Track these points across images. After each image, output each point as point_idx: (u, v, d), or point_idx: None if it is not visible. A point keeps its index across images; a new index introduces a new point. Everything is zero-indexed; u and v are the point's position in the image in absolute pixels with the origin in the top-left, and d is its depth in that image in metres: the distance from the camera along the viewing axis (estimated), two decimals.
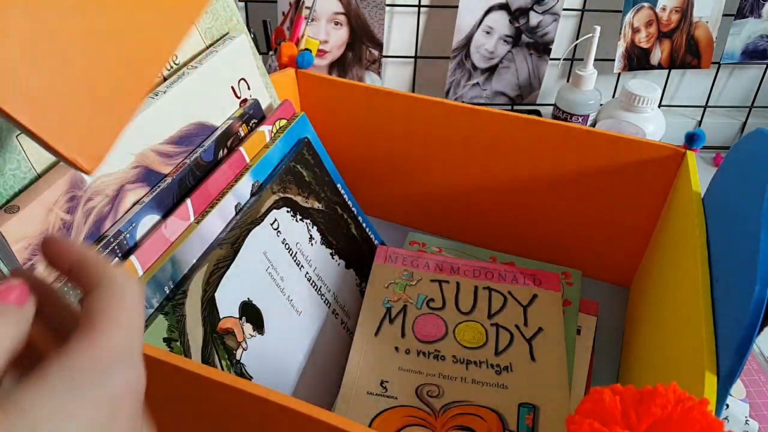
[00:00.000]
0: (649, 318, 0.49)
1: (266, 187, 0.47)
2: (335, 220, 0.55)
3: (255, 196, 0.46)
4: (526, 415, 0.44)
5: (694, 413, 0.25)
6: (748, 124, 0.89)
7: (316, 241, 0.52)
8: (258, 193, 0.46)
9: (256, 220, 0.46)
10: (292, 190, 0.50)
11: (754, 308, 0.31)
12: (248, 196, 0.46)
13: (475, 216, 0.63)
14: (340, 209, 0.56)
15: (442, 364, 0.48)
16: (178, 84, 0.43)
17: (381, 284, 0.54)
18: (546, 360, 0.48)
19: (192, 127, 0.44)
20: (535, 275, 0.55)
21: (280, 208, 0.48)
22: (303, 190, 0.51)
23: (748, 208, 0.36)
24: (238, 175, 0.46)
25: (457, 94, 0.85)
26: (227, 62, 0.48)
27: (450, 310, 0.52)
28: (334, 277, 0.53)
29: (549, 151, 0.55)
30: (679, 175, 0.51)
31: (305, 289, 0.50)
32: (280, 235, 0.48)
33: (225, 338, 0.41)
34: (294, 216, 0.50)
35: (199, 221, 0.41)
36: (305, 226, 0.51)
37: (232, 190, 0.44)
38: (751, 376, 0.55)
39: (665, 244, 0.50)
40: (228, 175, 0.45)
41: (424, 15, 0.83)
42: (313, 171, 0.53)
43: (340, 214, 0.56)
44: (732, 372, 0.32)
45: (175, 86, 0.43)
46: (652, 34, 0.80)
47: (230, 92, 0.49)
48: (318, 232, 0.52)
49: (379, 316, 0.51)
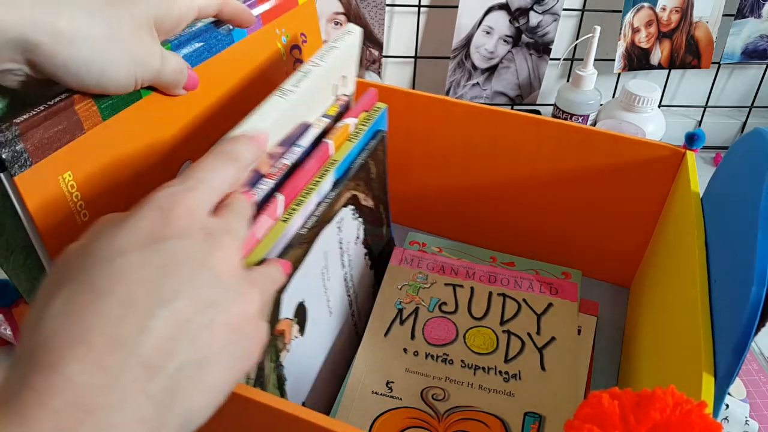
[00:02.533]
0: (648, 318, 0.49)
1: (343, 184, 0.44)
2: (377, 219, 0.53)
3: (333, 193, 0.43)
4: (531, 425, 0.44)
5: (693, 416, 0.25)
6: (748, 124, 0.89)
7: (359, 241, 0.50)
8: (335, 189, 0.43)
9: (330, 218, 0.43)
10: (360, 187, 0.47)
11: (751, 308, 0.31)
12: (328, 192, 0.43)
13: (475, 216, 0.63)
14: (382, 207, 0.54)
15: (449, 368, 0.48)
16: (304, 82, 0.39)
17: (395, 285, 0.54)
18: (556, 370, 0.47)
19: (299, 127, 0.41)
20: (552, 284, 0.54)
21: (347, 205, 0.46)
22: (366, 187, 0.49)
23: (745, 209, 0.36)
24: (322, 170, 0.43)
25: (457, 94, 0.85)
26: (344, 58, 0.45)
27: (462, 315, 0.52)
28: (361, 278, 0.52)
29: (549, 151, 0.55)
30: (678, 175, 0.51)
31: (342, 289, 0.48)
32: (340, 233, 0.46)
33: (276, 340, 0.39)
34: (354, 214, 0.48)
35: (286, 219, 0.38)
36: (358, 224, 0.49)
37: (317, 187, 0.41)
38: (751, 376, 0.55)
39: (665, 244, 0.50)
40: (314, 169, 0.42)
41: (424, 15, 0.83)
42: (378, 167, 0.50)
43: (381, 212, 0.54)
44: (729, 372, 0.32)
45: (302, 84, 0.39)
46: (652, 34, 0.80)
47: (332, 90, 0.46)
48: (363, 231, 0.51)
49: (390, 316, 0.51)
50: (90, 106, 0.33)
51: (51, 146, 0.31)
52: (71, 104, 0.32)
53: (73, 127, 0.32)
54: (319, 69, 0.41)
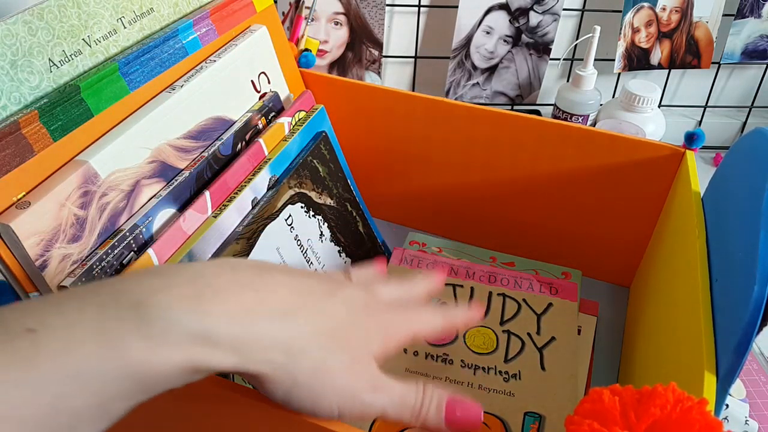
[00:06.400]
0: (649, 318, 0.49)
1: (283, 182, 0.47)
2: (345, 217, 0.54)
3: (272, 191, 0.46)
4: (531, 424, 0.44)
5: (693, 413, 0.25)
6: (748, 124, 0.89)
7: (325, 238, 0.51)
8: (275, 187, 0.46)
9: (272, 215, 0.45)
10: (307, 186, 0.49)
11: (753, 307, 0.31)
12: (265, 190, 0.45)
13: (475, 216, 0.63)
14: (350, 206, 0.55)
15: (449, 368, 0.48)
16: (196, 78, 0.43)
17: None
18: (556, 369, 0.47)
19: (210, 121, 0.44)
20: (552, 284, 0.54)
21: (295, 203, 0.48)
22: (317, 186, 0.51)
23: (746, 208, 0.36)
24: (256, 168, 0.45)
25: (457, 94, 0.85)
26: (246, 55, 0.47)
27: None
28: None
29: (549, 151, 0.55)
30: (678, 174, 0.51)
31: None
32: (293, 230, 0.47)
33: None
34: (307, 212, 0.49)
35: (217, 215, 0.41)
36: (317, 222, 0.50)
37: (250, 184, 0.44)
38: (751, 376, 0.55)
39: (665, 243, 0.50)
40: (246, 167, 0.45)
41: (424, 15, 0.83)
42: (328, 166, 0.52)
43: (350, 211, 0.55)
44: (731, 371, 0.32)
45: (193, 80, 0.42)
46: (652, 34, 0.80)
47: (250, 86, 0.48)
48: (328, 228, 0.52)
49: None
50: (38, 129, 0.33)
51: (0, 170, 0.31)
52: (17, 128, 0.32)
53: (22, 150, 0.32)
54: (215, 66, 0.44)
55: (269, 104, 0.49)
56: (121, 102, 0.39)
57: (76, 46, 0.37)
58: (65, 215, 0.34)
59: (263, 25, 0.50)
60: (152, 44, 0.41)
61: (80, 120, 0.36)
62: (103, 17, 0.39)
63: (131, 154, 0.38)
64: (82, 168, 0.35)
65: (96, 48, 0.39)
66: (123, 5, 0.41)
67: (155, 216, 0.39)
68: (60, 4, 0.36)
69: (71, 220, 0.34)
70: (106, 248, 0.35)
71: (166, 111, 0.40)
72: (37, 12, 0.35)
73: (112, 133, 0.38)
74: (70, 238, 0.34)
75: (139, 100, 0.40)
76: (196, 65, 0.45)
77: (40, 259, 0.32)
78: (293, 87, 0.56)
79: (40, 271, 0.32)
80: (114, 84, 0.38)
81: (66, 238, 0.34)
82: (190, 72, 0.44)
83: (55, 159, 0.35)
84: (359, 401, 0.28)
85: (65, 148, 0.35)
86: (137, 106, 0.40)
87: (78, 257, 0.35)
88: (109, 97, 0.38)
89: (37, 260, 0.32)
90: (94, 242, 0.36)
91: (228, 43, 0.47)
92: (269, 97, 0.50)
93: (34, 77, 0.35)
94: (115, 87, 0.38)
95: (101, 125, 0.37)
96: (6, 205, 0.32)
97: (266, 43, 0.49)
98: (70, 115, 0.35)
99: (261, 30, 0.49)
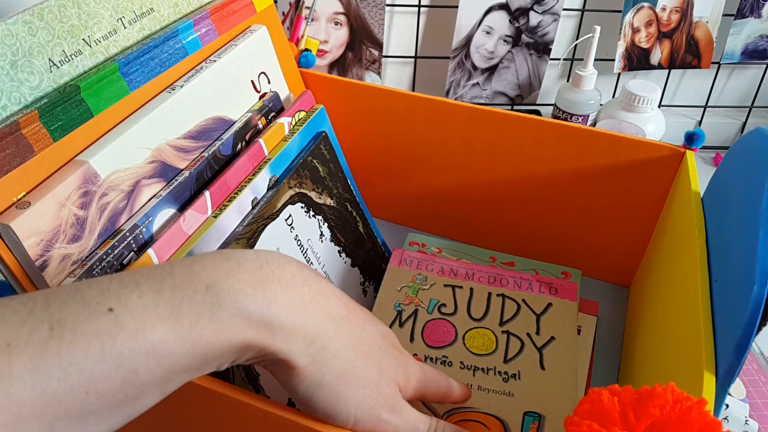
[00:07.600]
0: (648, 318, 0.49)
1: (283, 182, 0.47)
2: (345, 218, 0.54)
3: (272, 191, 0.45)
4: (530, 424, 0.44)
5: (693, 413, 0.25)
6: (748, 124, 0.89)
7: (325, 238, 0.51)
8: (275, 187, 0.46)
9: (272, 215, 0.45)
10: (307, 186, 0.49)
11: (752, 307, 0.31)
12: (265, 191, 0.45)
13: (475, 216, 0.63)
14: (350, 206, 0.55)
15: (449, 370, 0.47)
16: (196, 78, 0.43)
17: (393, 287, 0.53)
18: (556, 369, 0.47)
19: (210, 121, 0.44)
20: (552, 284, 0.54)
21: (295, 203, 0.48)
22: (317, 186, 0.51)
23: (746, 208, 0.36)
24: (256, 168, 0.45)
25: (457, 94, 0.85)
26: (246, 55, 0.47)
27: (461, 316, 0.51)
28: (340, 274, 0.53)
29: (549, 151, 0.55)
30: (678, 174, 0.51)
31: None
32: (293, 231, 0.47)
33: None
34: (307, 212, 0.49)
35: (217, 215, 0.41)
36: (317, 222, 0.50)
37: (250, 184, 0.44)
38: (751, 376, 0.55)
39: (665, 243, 0.50)
40: (247, 167, 0.45)
41: (424, 15, 0.83)
42: (328, 166, 0.52)
43: (350, 212, 0.55)
44: (730, 371, 0.32)
45: (192, 80, 0.42)
46: (652, 34, 0.80)
47: (250, 86, 0.48)
48: (328, 228, 0.52)
49: (390, 318, 0.51)
50: (38, 129, 0.33)
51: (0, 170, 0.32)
52: (17, 128, 0.32)
53: (22, 150, 0.32)
54: (215, 66, 0.44)
55: (269, 104, 0.49)
56: (121, 102, 0.39)
57: (76, 46, 0.37)
58: (65, 215, 0.34)
59: (263, 25, 0.50)
60: (152, 44, 0.41)
61: (80, 120, 0.36)
62: (103, 17, 0.39)
63: (131, 154, 0.38)
64: (82, 168, 0.35)
65: (96, 48, 0.39)
66: (123, 5, 0.41)
67: (155, 216, 0.39)
68: (60, 4, 0.36)
69: (71, 220, 0.34)
70: (106, 248, 0.35)
71: (166, 111, 0.40)
72: (37, 12, 0.35)
73: (112, 133, 0.38)
74: (70, 238, 0.34)
75: (139, 100, 0.40)
76: (196, 65, 0.45)
77: (40, 259, 0.32)
78: (293, 87, 0.56)
79: (40, 271, 0.32)
80: (114, 84, 0.38)
81: (66, 238, 0.34)
82: (190, 72, 0.44)
83: (55, 159, 0.35)
84: (376, 416, 0.30)
85: (65, 148, 0.35)
86: (137, 106, 0.40)
87: (78, 257, 0.35)
88: (109, 97, 0.38)
89: (37, 260, 0.32)
90: (94, 242, 0.36)
91: (228, 43, 0.47)
92: (269, 97, 0.50)
93: (34, 77, 0.35)
94: (115, 87, 0.38)
95: (101, 125, 0.37)
96: (6, 205, 0.32)
97: (266, 43, 0.50)
98: (70, 115, 0.35)
99: (261, 30, 0.49)
